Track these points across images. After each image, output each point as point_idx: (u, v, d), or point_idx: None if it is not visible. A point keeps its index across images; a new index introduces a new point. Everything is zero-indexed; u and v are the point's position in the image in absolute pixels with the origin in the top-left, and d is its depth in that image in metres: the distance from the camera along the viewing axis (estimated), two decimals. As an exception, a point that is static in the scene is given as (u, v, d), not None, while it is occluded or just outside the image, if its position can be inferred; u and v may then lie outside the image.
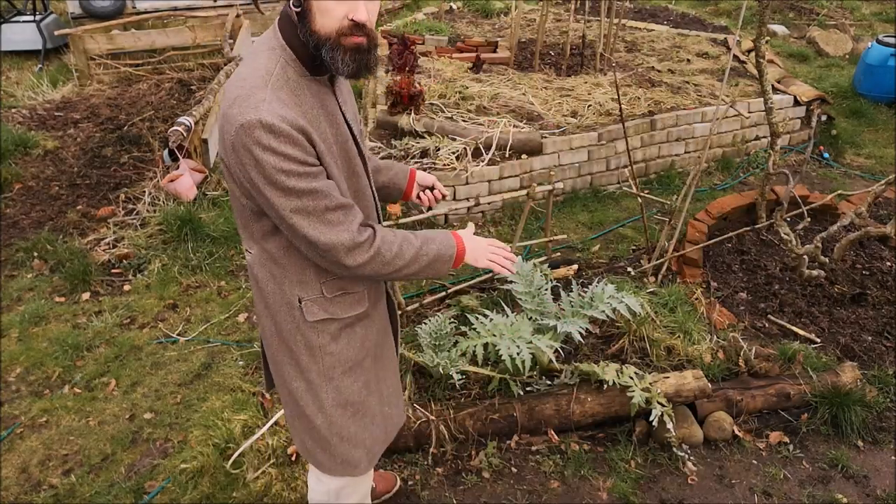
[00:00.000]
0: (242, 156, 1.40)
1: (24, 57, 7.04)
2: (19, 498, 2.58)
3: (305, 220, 1.45)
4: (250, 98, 1.39)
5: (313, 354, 1.68)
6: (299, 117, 1.42)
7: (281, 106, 1.40)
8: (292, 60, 1.47)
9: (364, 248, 1.52)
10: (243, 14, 6.95)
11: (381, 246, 1.54)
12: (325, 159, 1.49)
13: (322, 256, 1.52)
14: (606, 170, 5.01)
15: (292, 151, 1.40)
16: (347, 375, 1.73)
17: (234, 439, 2.73)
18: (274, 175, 1.40)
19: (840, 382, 2.92)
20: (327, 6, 1.40)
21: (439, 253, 1.66)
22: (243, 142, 1.38)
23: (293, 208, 1.44)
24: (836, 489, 2.61)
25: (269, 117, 1.37)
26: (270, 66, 1.45)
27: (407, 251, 1.58)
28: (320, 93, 1.52)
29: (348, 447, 1.79)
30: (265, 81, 1.42)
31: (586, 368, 2.75)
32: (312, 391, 1.72)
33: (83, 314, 3.60)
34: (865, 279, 3.70)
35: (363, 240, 1.51)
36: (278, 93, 1.42)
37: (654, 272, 3.65)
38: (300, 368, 1.70)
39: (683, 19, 8.19)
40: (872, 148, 5.69)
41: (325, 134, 1.50)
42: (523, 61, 6.19)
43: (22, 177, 4.77)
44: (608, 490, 2.59)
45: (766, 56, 3.43)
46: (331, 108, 1.54)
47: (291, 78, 1.46)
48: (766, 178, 3.76)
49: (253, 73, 1.44)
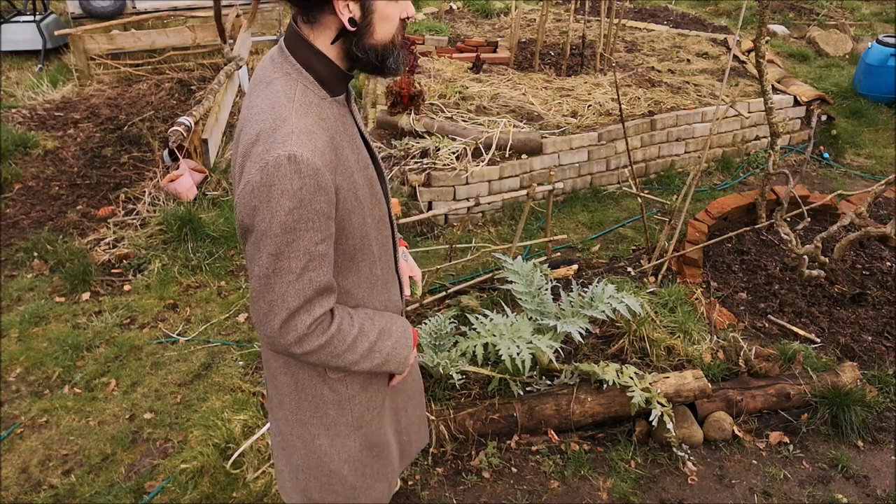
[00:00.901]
0: (255, 198, 1.25)
1: (24, 57, 7.04)
2: (19, 498, 2.58)
3: (279, 288, 1.29)
4: (276, 131, 1.25)
5: (342, 406, 1.58)
6: (328, 147, 1.29)
7: (310, 137, 1.26)
8: (311, 84, 1.34)
9: (316, 336, 1.36)
10: (243, 14, 6.95)
11: (336, 335, 1.39)
12: (345, 194, 1.35)
13: (266, 333, 1.34)
14: (606, 170, 5.01)
15: (313, 198, 1.25)
16: (376, 420, 1.67)
17: (234, 439, 2.73)
18: (283, 223, 1.25)
19: (840, 382, 2.92)
20: (390, 12, 1.34)
21: (394, 349, 1.52)
22: (266, 181, 1.23)
23: (277, 269, 1.28)
24: (836, 489, 2.61)
25: (299, 150, 1.23)
26: (290, 92, 1.31)
27: (360, 344, 1.44)
28: (340, 115, 1.40)
29: (371, 483, 1.74)
30: (289, 110, 1.28)
31: (586, 368, 2.75)
32: (339, 443, 1.63)
33: (83, 314, 3.60)
34: (865, 279, 3.70)
35: (316, 327, 1.35)
36: (304, 120, 1.28)
37: (654, 272, 3.65)
38: (326, 423, 1.59)
39: (683, 19, 8.19)
40: (872, 148, 5.69)
41: (347, 162, 1.36)
42: (523, 61, 6.19)
43: (22, 177, 4.77)
44: (608, 490, 2.59)
45: (766, 56, 3.43)
46: (350, 130, 1.43)
47: (313, 102, 1.33)
48: (766, 178, 3.76)
49: (273, 102, 1.30)
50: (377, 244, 1.51)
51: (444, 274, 3.81)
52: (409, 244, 4.24)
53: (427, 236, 4.39)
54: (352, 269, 1.47)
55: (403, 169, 4.46)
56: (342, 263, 1.44)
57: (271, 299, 1.30)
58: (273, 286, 1.29)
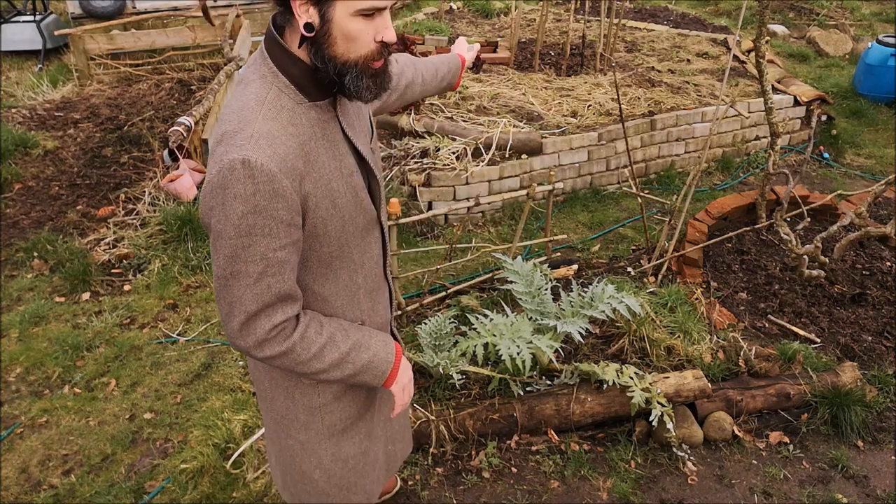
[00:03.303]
0: (212, 198, 1.25)
1: (24, 57, 7.04)
2: (19, 498, 2.58)
3: (237, 290, 1.28)
4: (238, 134, 1.25)
5: (312, 413, 1.56)
6: (293, 153, 1.27)
7: (270, 142, 1.24)
8: (286, 87, 1.31)
9: (277, 342, 1.34)
10: (243, 14, 6.95)
11: (298, 343, 1.36)
12: (317, 202, 1.33)
13: (227, 333, 1.34)
14: (606, 170, 5.01)
15: (269, 204, 1.23)
16: (349, 430, 1.62)
17: (234, 439, 2.73)
18: (236, 226, 1.24)
19: (840, 382, 2.92)
20: (355, 31, 1.25)
21: (370, 363, 1.47)
22: (221, 183, 1.23)
23: (234, 272, 1.27)
24: (836, 489, 2.61)
25: (254, 156, 1.21)
26: (262, 95, 1.30)
27: (329, 354, 1.40)
28: (321, 120, 1.36)
29: (347, 494, 1.71)
30: (256, 113, 1.27)
31: (586, 368, 2.75)
32: (310, 448, 1.60)
33: (83, 314, 3.60)
34: (865, 279, 3.70)
35: (277, 333, 1.33)
36: (270, 124, 1.26)
37: (654, 272, 3.65)
38: (297, 426, 1.58)
39: (683, 19, 8.19)
40: (872, 148, 5.69)
41: (323, 169, 1.33)
42: (523, 61, 6.19)
43: (22, 177, 4.77)
44: (608, 490, 2.59)
45: (766, 56, 3.43)
46: (333, 135, 1.38)
47: (286, 107, 1.30)
48: (766, 178, 3.76)
49: (243, 104, 1.29)
50: (359, 252, 1.48)
51: (444, 274, 3.81)
52: (408, 244, 4.24)
53: (427, 236, 4.39)
54: (329, 276, 1.44)
55: (403, 169, 4.46)
56: (318, 270, 1.42)
57: (230, 300, 1.30)
58: (231, 288, 1.29)
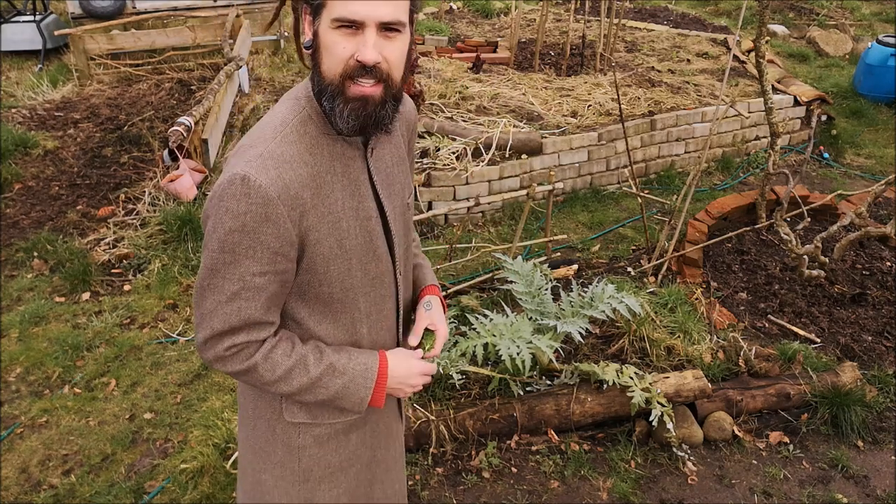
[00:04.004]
0: (210, 206, 1.21)
1: (24, 57, 7.04)
2: (19, 498, 2.58)
3: (209, 304, 1.25)
4: (250, 150, 1.21)
5: (290, 452, 1.45)
6: (300, 182, 1.21)
7: (278, 165, 1.19)
8: (316, 114, 1.26)
9: (237, 360, 1.29)
10: (243, 14, 6.95)
11: (261, 364, 1.29)
12: (320, 238, 1.27)
13: (195, 342, 1.31)
14: (606, 170, 5.01)
15: (258, 227, 1.18)
16: (327, 480, 1.48)
17: (234, 439, 2.73)
18: (221, 241, 1.20)
19: (840, 382, 2.92)
20: (331, 42, 1.17)
21: (345, 389, 1.36)
22: (219, 194, 1.19)
23: (210, 284, 1.24)
24: (836, 489, 2.61)
25: (255, 175, 1.17)
26: (288, 117, 1.26)
27: (297, 378, 1.31)
28: (345, 156, 1.29)
29: None
30: (275, 133, 1.23)
31: (586, 368, 2.75)
32: (282, 487, 1.48)
33: (83, 314, 3.60)
34: (865, 279, 3.70)
35: (236, 352, 1.28)
36: (285, 147, 1.22)
37: (654, 272, 3.65)
38: (273, 461, 1.47)
39: (683, 19, 8.19)
40: (872, 148, 5.69)
41: (334, 206, 1.27)
42: (523, 61, 6.19)
43: (22, 177, 4.77)
44: (608, 490, 2.59)
45: (766, 56, 3.43)
46: (355, 174, 1.30)
47: (310, 133, 1.25)
48: (766, 178, 3.76)
49: (268, 122, 1.26)
50: (366, 302, 1.38)
51: (444, 274, 3.81)
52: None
53: (427, 236, 4.39)
54: (327, 315, 1.36)
55: (403, 169, 4.46)
56: (315, 307, 1.35)
57: (202, 312, 1.27)
58: (205, 299, 1.26)
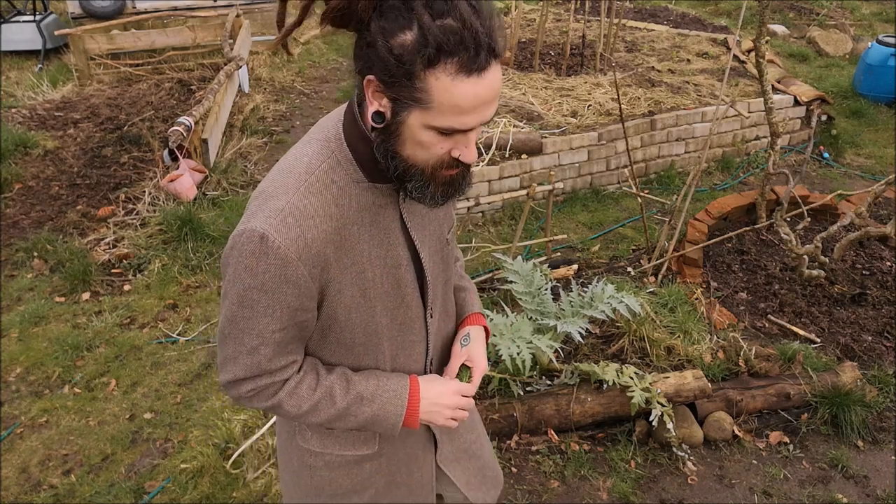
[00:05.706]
0: (228, 254, 1.18)
1: (24, 57, 7.04)
2: (19, 498, 2.58)
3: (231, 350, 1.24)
4: (272, 200, 1.15)
5: (304, 465, 1.46)
6: (323, 238, 1.16)
7: (299, 223, 1.13)
8: (346, 160, 1.19)
9: (261, 399, 1.28)
10: (243, 14, 6.95)
11: (286, 401, 1.28)
12: (341, 288, 1.23)
13: (219, 379, 1.30)
14: (606, 170, 5.01)
15: (277, 287, 1.16)
16: (339, 498, 1.48)
17: (234, 439, 2.73)
18: (240, 296, 1.17)
19: (840, 382, 2.92)
20: (428, 140, 1.10)
21: (375, 417, 1.33)
22: (238, 247, 1.15)
23: (231, 333, 1.22)
24: (836, 489, 2.61)
25: (274, 235, 1.12)
26: (314, 163, 1.18)
27: (324, 411, 1.29)
28: (375, 205, 1.22)
29: None
30: (299, 182, 1.16)
31: (586, 368, 2.76)
32: (297, 494, 1.51)
33: (83, 314, 3.60)
34: (865, 279, 3.70)
35: (258, 393, 1.27)
36: (309, 200, 1.15)
37: (654, 272, 3.65)
38: (291, 469, 1.50)
39: (683, 19, 8.18)
40: (872, 148, 5.69)
41: (359, 256, 1.22)
42: (523, 61, 6.19)
43: (22, 177, 4.77)
44: (608, 490, 2.59)
45: (766, 56, 3.43)
46: (386, 223, 1.24)
47: (337, 182, 1.18)
48: (766, 178, 3.76)
49: (294, 165, 1.19)
50: (392, 347, 1.36)
51: (444, 274, 3.80)
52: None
53: (427, 236, 4.39)
54: (349, 358, 1.34)
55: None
56: (337, 350, 1.33)
57: (225, 356, 1.26)
58: (227, 346, 1.25)
